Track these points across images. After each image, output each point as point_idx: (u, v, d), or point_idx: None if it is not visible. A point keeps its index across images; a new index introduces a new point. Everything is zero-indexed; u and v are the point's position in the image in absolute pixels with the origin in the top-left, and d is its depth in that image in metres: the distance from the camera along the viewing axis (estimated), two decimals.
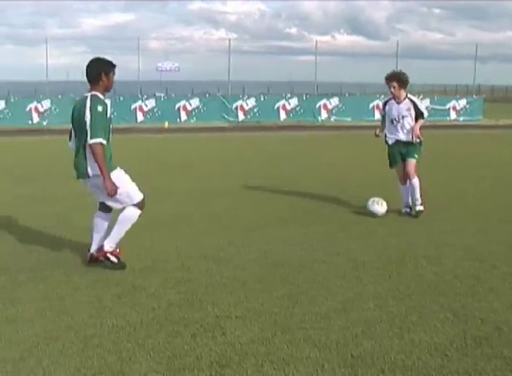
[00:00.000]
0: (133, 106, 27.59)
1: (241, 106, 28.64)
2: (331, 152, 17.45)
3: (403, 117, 8.52)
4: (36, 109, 26.54)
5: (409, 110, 8.51)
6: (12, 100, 26.85)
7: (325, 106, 29.50)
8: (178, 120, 27.90)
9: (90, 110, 5.86)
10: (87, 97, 6.01)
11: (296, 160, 15.16)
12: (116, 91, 33.70)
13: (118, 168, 6.16)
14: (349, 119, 29.04)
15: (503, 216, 8.65)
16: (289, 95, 30.12)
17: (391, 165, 8.89)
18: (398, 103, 8.57)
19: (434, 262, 6.45)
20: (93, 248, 6.36)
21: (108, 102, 5.89)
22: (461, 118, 30.50)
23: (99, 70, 6.04)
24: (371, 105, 29.73)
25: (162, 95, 31.72)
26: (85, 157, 5.97)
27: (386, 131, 8.83)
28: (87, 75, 6.08)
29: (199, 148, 18.70)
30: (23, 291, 5.56)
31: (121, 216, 6.24)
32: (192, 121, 27.84)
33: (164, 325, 4.80)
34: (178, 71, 35.63)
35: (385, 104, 8.84)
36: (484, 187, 11.16)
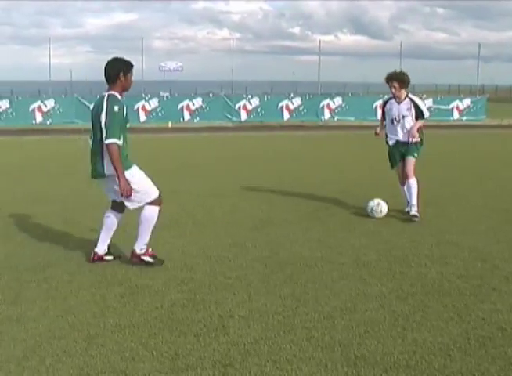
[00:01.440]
0: (136, 106, 27.57)
1: (244, 106, 28.64)
2: (334, 152, 17.45)
3: (403, 117, 8.44)
4: (39, 108, 26.56)
5: (409, 109, 8.42)
6: (15, 100, 26.89)
7: (328, 105, 29.48)
8: (182, 119, 27.90)
9: (106, 111, 5.88)
10: (104, 96, 6.02)
11: (299, 160, 15.16)
12: None
13: (134, 165, 6.20)
14: (352, 119, 29.02)
15: (508, 216, 8.63)
16: (292, 95, 30.11)
17: (392, 167, 8.85)
18: (399, 102, 8.48)
19: (438, 261, 6.44)
20: (98, 247, 6.41)
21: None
22: (464, 118, 30.46)
23: (118, 70, 6.03)
24: (374, 105, 29.69)
25: (166, 94, 31.67)
26: (102, 157, 6.01)
27: (386, 131, 8.75)
28: (105, 74, 6.08)
29: (202, 148, 18.70)
30: (26, 291, 5.57)
31: (142, 217, 6.29)
32: (195, 120, 27.85)
33: (167, 325, 4.80)
34: (181, 71, 35.61)
35: (385, 103, 8.76)
36: (489, 187, 11.13)
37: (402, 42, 31.94)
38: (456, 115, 30.62)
